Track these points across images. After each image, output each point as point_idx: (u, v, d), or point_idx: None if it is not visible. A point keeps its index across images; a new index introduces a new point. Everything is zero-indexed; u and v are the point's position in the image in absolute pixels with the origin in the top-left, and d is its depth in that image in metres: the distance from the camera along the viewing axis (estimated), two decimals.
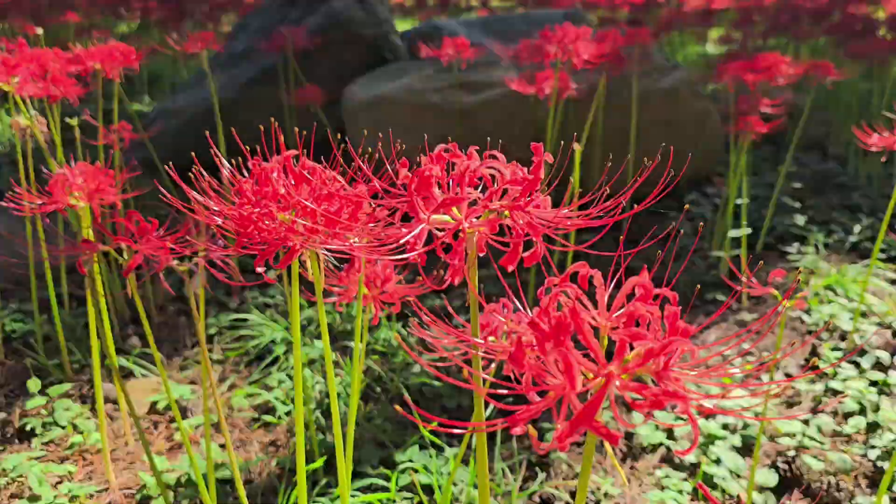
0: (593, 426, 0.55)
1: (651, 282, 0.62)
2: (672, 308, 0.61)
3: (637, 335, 0.56)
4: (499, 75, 3.27)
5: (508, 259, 0.71)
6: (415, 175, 0.72)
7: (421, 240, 0.71)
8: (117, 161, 2.52)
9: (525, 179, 0.70)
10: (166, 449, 2.15)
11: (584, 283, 0.65)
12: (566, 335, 0.57)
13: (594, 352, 0.57)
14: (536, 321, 0.58)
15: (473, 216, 0.71)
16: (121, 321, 2.76)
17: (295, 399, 1.10)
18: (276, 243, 0.92)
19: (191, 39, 2.91)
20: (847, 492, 1.99)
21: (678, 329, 0.60)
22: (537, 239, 0.71)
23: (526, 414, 0.59)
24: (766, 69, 2.73)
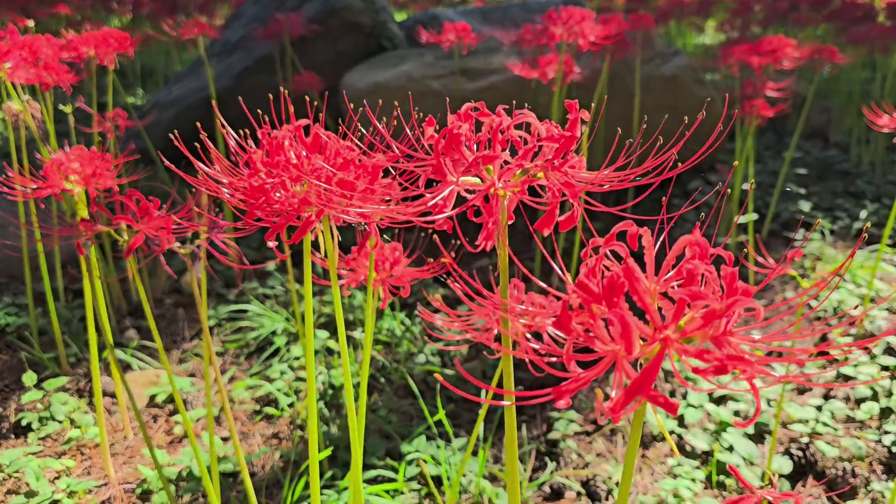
0: (651, 395, 0.51)
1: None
2: (729, 268, 0.56)
3: (699, 294, 0.51)
4: (500, 61, 3.22)
5: (544, 222, 0.66)
6: (442, 134, 0.68)
7: (450, 202, 0.66)
8: (113, 148, 2.46)
9: (562, 136, 0.66)
10: (166, 443, 2.09)
11: (633, 242, 0.60)
12: (619, 295, 0.52)
13: (650, 313, 0.52)
14: (585, 282, 0.53)
15: (507, 177, 0.66)
16: (117, 314, 2.71)
17: (308, 388, 1.05)
18: (290, 215, 0.87)
19: (186, 26, 2.85)
20: (862, 478, 1.96)
21: (737, 289, 0.56)
22: (574, 201, 0.66)
23: (574, 384, 0.54)
24: (771, 52, 2.69)
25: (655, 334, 0.52)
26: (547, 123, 0.69)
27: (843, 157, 4.23)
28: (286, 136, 0.91)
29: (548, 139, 0.65)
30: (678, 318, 0.52)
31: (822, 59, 3.12)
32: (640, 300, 0.52)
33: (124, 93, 4.05)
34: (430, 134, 0.70)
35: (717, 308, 0.51)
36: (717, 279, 0.56)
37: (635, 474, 1.99)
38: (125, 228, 1.24)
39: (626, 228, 0.61)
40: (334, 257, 0.95)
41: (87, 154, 1.58)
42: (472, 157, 0.65)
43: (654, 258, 0.60)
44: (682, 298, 0.52)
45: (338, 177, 0.85)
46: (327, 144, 0.90)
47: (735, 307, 0.51)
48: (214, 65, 3.82)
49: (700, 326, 0.52)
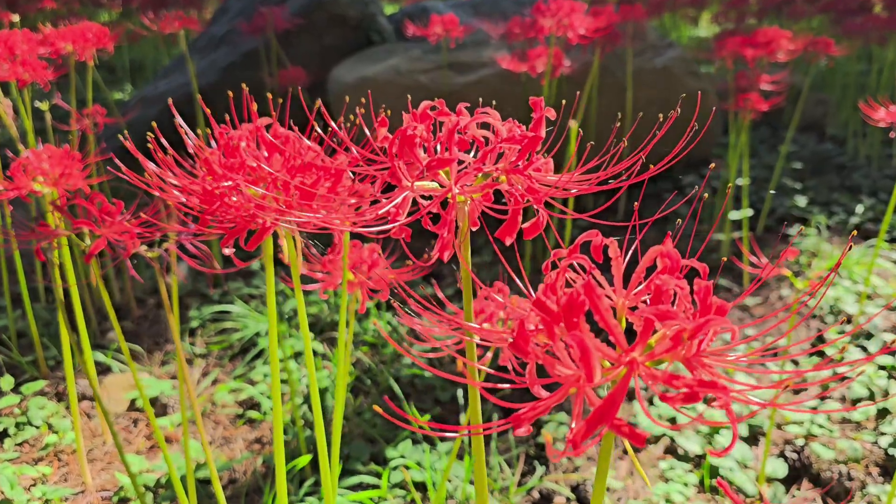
0: (615, 425, 0.46)
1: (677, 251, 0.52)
2: (703, 282, 0.51)
3: (667, 314, 0.46)
4: (489, 55, 3.17)
5: (506, 230, 0.61)
6: (396, 135, 0.62)
7: (403, 209, 0.61)
8: (91, 146, 2.40)
9: (524, 137, 0.60)
10: (146, 448, 2.04)
11: (598, 254, 0.55)
12: (579, 315, 0.47)
13: (614, 335, 0.47)
14: (543, 300, 0.48)
15: (465, 181, 0.61)
16: (99, 314, 2.65)
17: (272, 394, 1.01)
18: (244, 221, 0.81)
19: (167, 19, 2.79)
20: (858, 481, 1.91)
21: (711, 306, 0.50)
22: (539, 206, 0.61)
23: (531, 412, 0.49)
24: (766, 44, 2.64)
25: (621, 357, 0.47)
26: (509, 123, 0.63)
27: (839, 150, 4.18)
28: (243, 136, 0.85)
29: (509, 140, 0.60)
30: (645, 340, 0.47)
31: (818, 51, 3.07)
32: (601, 320, 0.47)
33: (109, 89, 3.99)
34: (383, 135, 0.65)
35: (686, 329, 0.46)
36: (690, 294, 0.51)
37: (626, 479, 1.94)
38: (87, 233, 1.19)
39: (589, 238, 0.55)
40: (297, 263, 0.90)
41: (57, 153, 1.52)
42: (426, 161, 0.60)
43: (622, 271, 0.55)
44: (648, 318, 0.47)
45: (296, 181, 0.80)
46: (287, 145, 0.85)
47: (707, 328, 0.46)
48: (199, 60, 3.76)
49: (669, 348, 0.47)
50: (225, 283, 2.82)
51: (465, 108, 0.66)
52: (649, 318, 0.46)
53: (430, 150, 0.65)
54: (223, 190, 0.81)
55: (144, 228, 1.14)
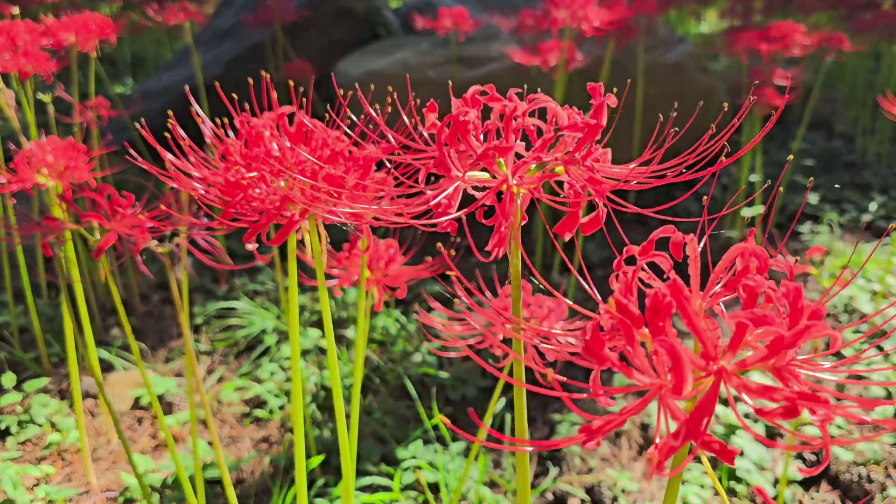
0: (705, 441, 0.41)
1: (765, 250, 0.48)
2: (791, 283, 0.47)
3: (763, 318, 0.41)
4: (498, 49, 3.12)
5: (566, 225, 0.56)
6: (446, 121, 0.58)
7: (455, 201, 0.56)
8: (95, 139, 2.35)
9: (586, 125, 0.56)
10: (151, 447, 2.00)
11: (678, 251, 0.50)
12: (666, 319, 0.42)
13: (704, 341, 0.42)
14: (624, 301, 0.44)
15: (521, 172, 0.56)
16: (103, 311, 2.60)
17: (292, 392, 0.96)
18: (271, 213, 0.77)
19: (171, 10, 2.74)
20: (878, 483, 1.87)
21: (802, 310, 0.46)
22: (601, 199, 0.56)
23: (607, 426, 0.45)
24: (780, 38, 2.59)
25: (709, 365, 0.43)
26: (568, 109, 0.59)
27: (849, 147, 4.14)
28: (266, 124, 0.81)
29: (570, 127, 0.56)
30: (737, 346, 0.43)
31: (831, 46, 3.03)
32: (690, 324, 0.42)
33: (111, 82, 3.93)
34: (431, 121, 0.60)
35: (785, 336, 0.42)
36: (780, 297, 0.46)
37: (640, 480, 1.90)
38: (96, 227, 1.14)
39: (666, 234, 0.51)
40: (322, 260, 0.85)
41: (61, 145, 1.47)
42: (481, 149, 0.56)
43: (699, 270, 0.50)
44: (742, 322, 0.42)
45: (325, 171, 0.75)
46: (313, 134, 0.80)
47: (807, 336, 0.42)
48: (204, 53, 3.71)
49: (764, 357, 0.42)
50: (230, 278, 2.78)
51: (515, 93, 0.62)
52: (743, 322, 0.42)
53: (477, 138, 0.61)
54: (248, 181, 0.77)
55: (157, 222, 1.09)
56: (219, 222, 0.78)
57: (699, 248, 0.52)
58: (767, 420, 0.41)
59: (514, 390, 0.62)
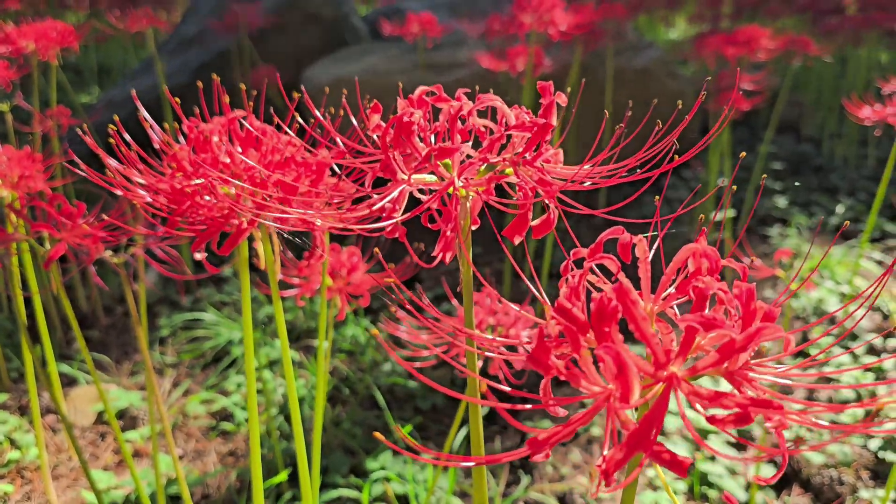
0: (655, 452, 0.39)
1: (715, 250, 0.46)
2: (744, 284, 0.45)
3: (714, 321, 0.40)
4: (467, 54, 3.11)
5: (515, 228, 0.55)
6: (391, 123, 0.56)
7: (400, 204, 0.54)
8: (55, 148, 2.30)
9: (535, 124, 0.54)
10: (115, 463, 1.95)
11: (625, 253, 0.48)
12: (612, 324, 0.40)
13: (651, 347, 0.40)
14: (568, 306, 0.42)
15: (468, 174, 0.54)
16: (65, 324, 2.55)
17: (248, 405, 0.93)
18: (218, 222, 0.74)
19: (134, 17, 2.69)
20: (849, 485, 1.87)
21: (755, 312, 0.44)
22: (552, 201, 0.54)
23: (554, 437, 0.43)
24: (746, 42, 2.60)
25: (657, 372, 0.41)
26: (516, 109, 0.57)
27: (816, 151, 4.18)
28: (215, 130, 0.78)
29: (518, 127, 0.54)
30: (686, 351, 0.41)
31: (797, 50, 3.05)
32: (637, 329, 0.40)
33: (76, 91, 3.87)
34: (375, 123, 0.58)
35: (736, 339, 0.40)
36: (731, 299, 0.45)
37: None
38: (47, 237, 1.10)
39: (615, 235, 0.49)
40: (275, 268, 0.83)
41: (16, 155, 1.43)
42: (425, 151, 0.53)
43: (649, 272, 0.48)
44: (691, 326, 0.40)
45: (274, 177, 0.73)
46: (263, 140, 0.78)
47: (759, 338, 0.40)
48: (170, 61, 3.66)
49: (716, 362, 0.40)
50: (196, 289, 2.73)
51: (464, 94, 0.60)
52: (693, 326, 0.40)
53: (426, 140, 0.59)
54: (194, 188, 0.74)
55: (109, 232, 1.06)
56: (164, 231, 0.75)
57: (652, 250, 0.50)
58: (719, 428, 0.39)
59: (469, 406, 0.60)
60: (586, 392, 0.42)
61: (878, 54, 5.10)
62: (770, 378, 0.44)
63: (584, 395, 0.43)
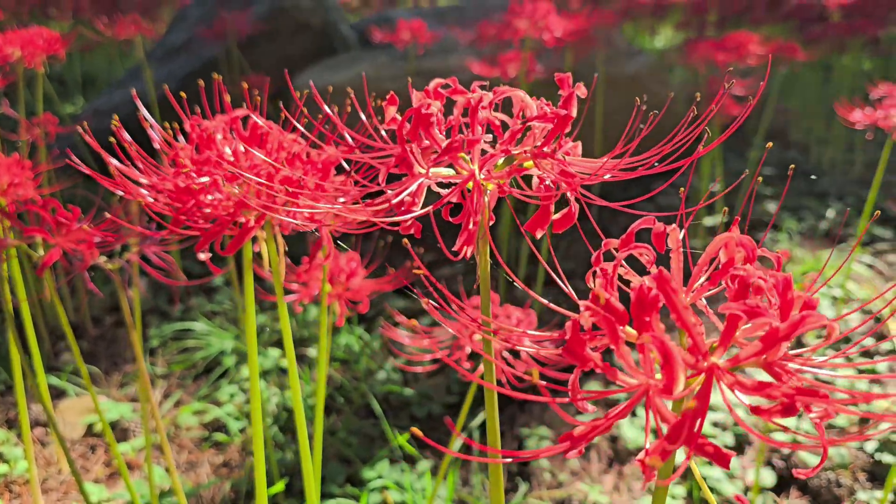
0: (700, 444, 0.38)
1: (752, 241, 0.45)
2: (780, 274, 0.44)
3: (757, 310, 0.38)
4: (457, 61, 3.10)
5: (537, 222, 0.53)
6: (407, 115, 0.54)
7: (419, 198, 0.53)
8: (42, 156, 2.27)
9: (556, 115, 0.53)
10: (106, 476, 1.92)
11: (660, 243, 0.47)
12: (652, 314, 0.39)
13: (694, 336, 0.39)
14: (606, 296, 0.40)
15: (489, 166, 0.53)
16: (53, 335, 2.51)
17: (252, 412, 0.91)
18: (224, 220, 0.72)
19: (122, 24, 2.66)
20: (847, 487, 1.87)
21: (793, 301, 0.43)
22: (574, 193, 0.53)
23: (592, 432, 0.41)
24: (736, 48, 2.61)
25: (698, 363, 0.40)
26: (536, 100, 0.56)
27: (804, 157, 4.20)
28: (219, 127, 0.77)
29: (540, 118, 0.53)
30: (729, 341, 0.40)
31: (785, 56, 3.07)
32: (679, 318, 0.39)
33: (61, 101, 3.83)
34: (391, 116, 0.57)
35: (780, 328, 0.39)
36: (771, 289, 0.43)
37: (612, 493, 1.87)
38: (40, 243, 1.08)
39: (647, 225, 0.48)
40: (280, 270, 0.81)
41: (5, 162, 1.41)
42: (445, 143, 0.52)
43: (681, 262, 0.47)
44: (734, 315, 0.39)
45: (282, 174, 0.71)
46: (268, 137, 0.76)
47: (803, 326, 0.39)
48: (158, 69, 3.63)
49: (758, 352, 0.39)
50: (187, 298, 2.70)
51: (479, 85, 0.58)
52: (736, 314, 0.39)
53: (441, 134, 0.58)
54: (198, 186, 0.72)
55: (105, 235, 1.04)
56: (168, 231, 0.74)
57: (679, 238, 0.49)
58: (764, 418, 0.38)
59: (486, 396, 0.59)
60: (625, 385, 0.40)
61: (862, 61, 5.14)
62: (810, 369, 0.43)
63: (616, 390, 0.41)
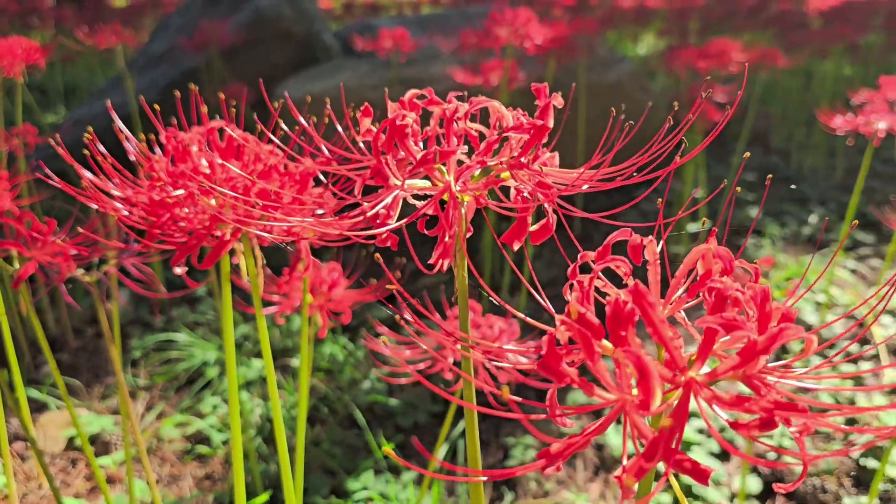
0: (677, 460, 0.37)
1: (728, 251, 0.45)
2: (758, 286, 0.43)
3: (734, 323, 0.38)
4: (439, 70, 3.10)
5: (514, 233, 0.53)
6: (382, 126, 0.54)
7: (394, 211, 0.52)
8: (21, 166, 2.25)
9: (532, 126, 0.52)
10: (87, 490, 1.89)
11: (636, 255, 0.47)
12: (628, 327, 0.39)
13: (671, 350, 0.38)
14: (581, 310, 0.40)
15: (465, 178, 0.52)
16: (34, 348, 2.48)
17: (231, 425, 0.90)
18: (200, 234, 0.71)
19: (103, 33, 2.64)
20: (832, 493, 1.87)
21: (771, 314, 0.43)
22: (551, 204, 0.53)
23: (568, 449, 0.40)
24: (717, 55, 2.63)
25: (676, 378, 0.39)
26: (512, 111, 0.55)
27: (785, 162, 4.23)
28: (194, 139, 0.76)
29: (516, 129, 0.52)
30: (706, 355, 0.39)
31: (766, 62, 3.09)
32: (655, 332, 0.38)
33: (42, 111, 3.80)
34: (366, 127, 0.56)
35: (758, 342, 0.38)
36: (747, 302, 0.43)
37: (598, 501, 1.86)
38: (16, 256, 1.07)
39: (623, 237, 0.47)
40: (258, 282, 0.80)
41: None
42: (420, 154, 0.51)
43: (658, 275, 0.47)
44: (711, 328, 0.38)
45: (258, 186, 0.70)
46: (245, 149, 0.76)
47: (781, 339, 0.38)
48: (139, 79, 3.61)
49: (737, 365, 0.39)
50: (169, 310, 2.68)
51: (457, 96, 0.58)
52: (713, 328, 0.38)
53: (417, 146, 0.57)
54: (173, 199, 0.71)
55: (81, 248, 1.02)
56: (142, 245, 0.72)
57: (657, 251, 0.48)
58: (743, 434, 0.37)
59: (465, 414, 0.58)
60: (601, 400, 0.40)
61: (843, 67, 5.18)
62: (790, 382, 0.42)
63: (596, 404, 0.41)
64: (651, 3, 5.87)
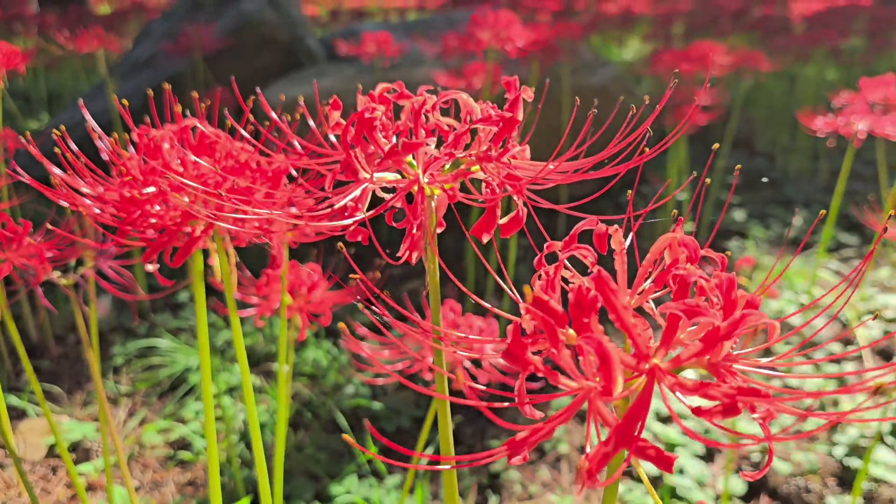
0: (639, 447, 0.37)
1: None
2: (723, 274, 0.43)
3: (697, 309, 0.38)
4: (424, 74, 3.10)
5: (483, 225, 0.52)
6: (351, 120, 0.53)
7: (363, 203, 0.52)
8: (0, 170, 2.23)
9: (501, 118, 0.52)
10: (68, 497, 1.87)
11: (602, 243, 0.47)
12: (591, 315, 0.38)
13: (634, 338, 0.38)
14: (544, 298, 0.39)
15: (434, 170, 0.52)
16: (13, 355, 2.45)
17: (206, 431, 0.89)
18: (171, 231, 0.71)
19: (85, 37, 2.62)
20: (816, 493, 1.88)
21: (736, 301, 0.42)
22: (520, 197, 0.52)
23: (533, 437, 0.40)
24: (700, 58, 2.64)
25: (639, 364, 0.39)
26: (481, 104, 0.55)
27: (769, 165, 4.26)
28: (166, 136, 0.75)
29: (484, 121, 0.52)
30: (669, 342, 0.39)
31: (749, 66, 3.10)
32: (618, 319, 0.38)
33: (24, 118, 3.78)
34: (335, 120, 0.56)
35: (721, 327, 0.38)
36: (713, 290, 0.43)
37: (583, 503, 1.86)
38: None
39: (589, 227, 0.47)
40: (231, 281, 0.79)
41: None
42: (388, 147, 0.51)
43: (625, 264, 0.46)
44: (674, 315, 0.38)
45: (228, 182, 0.70)
46: (216, 145, 0.75)
47: (744, 325, 0.38)
48: (123, 84, 3.59)
49: (699, 352, 0.38)
50: (151, 315, 2.66)
51: (426, 90, 0.58)
52: (676, 314, 0.38)
53: (388, 139, 0.57)
54: (144, 197, 0.71)
55: (57, 250, 1.01)
56: (114, 242, 0.72)
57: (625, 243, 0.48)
58: (706, 419, 0.37)
59: (437, 404, 0.58)
60: (565, 388, 0.40)
61: (825, 71, 5.22)
62: (754, 370, 0.42)
63: (561, 392, 0.40)
64: (636, 9, 5.90)
